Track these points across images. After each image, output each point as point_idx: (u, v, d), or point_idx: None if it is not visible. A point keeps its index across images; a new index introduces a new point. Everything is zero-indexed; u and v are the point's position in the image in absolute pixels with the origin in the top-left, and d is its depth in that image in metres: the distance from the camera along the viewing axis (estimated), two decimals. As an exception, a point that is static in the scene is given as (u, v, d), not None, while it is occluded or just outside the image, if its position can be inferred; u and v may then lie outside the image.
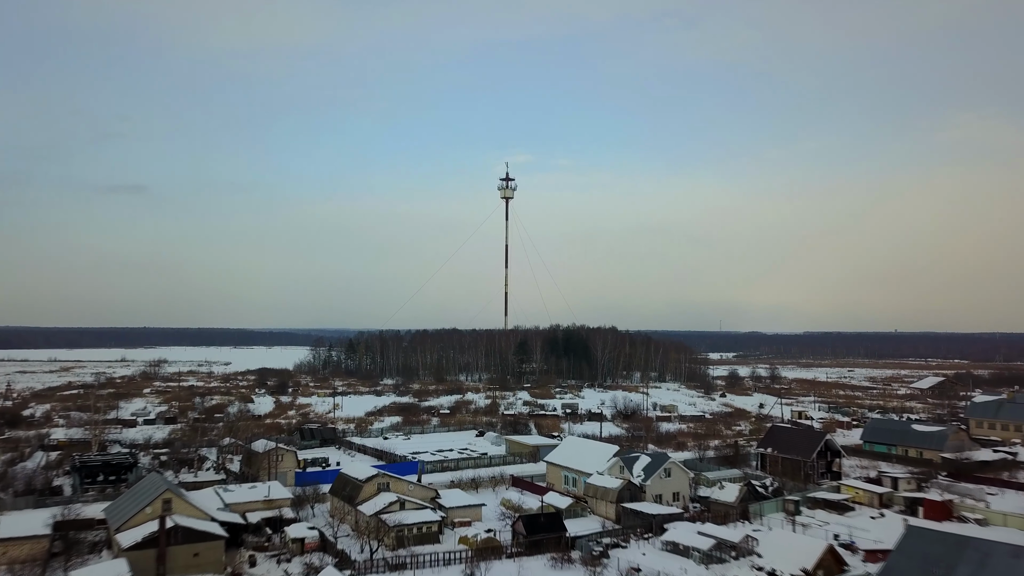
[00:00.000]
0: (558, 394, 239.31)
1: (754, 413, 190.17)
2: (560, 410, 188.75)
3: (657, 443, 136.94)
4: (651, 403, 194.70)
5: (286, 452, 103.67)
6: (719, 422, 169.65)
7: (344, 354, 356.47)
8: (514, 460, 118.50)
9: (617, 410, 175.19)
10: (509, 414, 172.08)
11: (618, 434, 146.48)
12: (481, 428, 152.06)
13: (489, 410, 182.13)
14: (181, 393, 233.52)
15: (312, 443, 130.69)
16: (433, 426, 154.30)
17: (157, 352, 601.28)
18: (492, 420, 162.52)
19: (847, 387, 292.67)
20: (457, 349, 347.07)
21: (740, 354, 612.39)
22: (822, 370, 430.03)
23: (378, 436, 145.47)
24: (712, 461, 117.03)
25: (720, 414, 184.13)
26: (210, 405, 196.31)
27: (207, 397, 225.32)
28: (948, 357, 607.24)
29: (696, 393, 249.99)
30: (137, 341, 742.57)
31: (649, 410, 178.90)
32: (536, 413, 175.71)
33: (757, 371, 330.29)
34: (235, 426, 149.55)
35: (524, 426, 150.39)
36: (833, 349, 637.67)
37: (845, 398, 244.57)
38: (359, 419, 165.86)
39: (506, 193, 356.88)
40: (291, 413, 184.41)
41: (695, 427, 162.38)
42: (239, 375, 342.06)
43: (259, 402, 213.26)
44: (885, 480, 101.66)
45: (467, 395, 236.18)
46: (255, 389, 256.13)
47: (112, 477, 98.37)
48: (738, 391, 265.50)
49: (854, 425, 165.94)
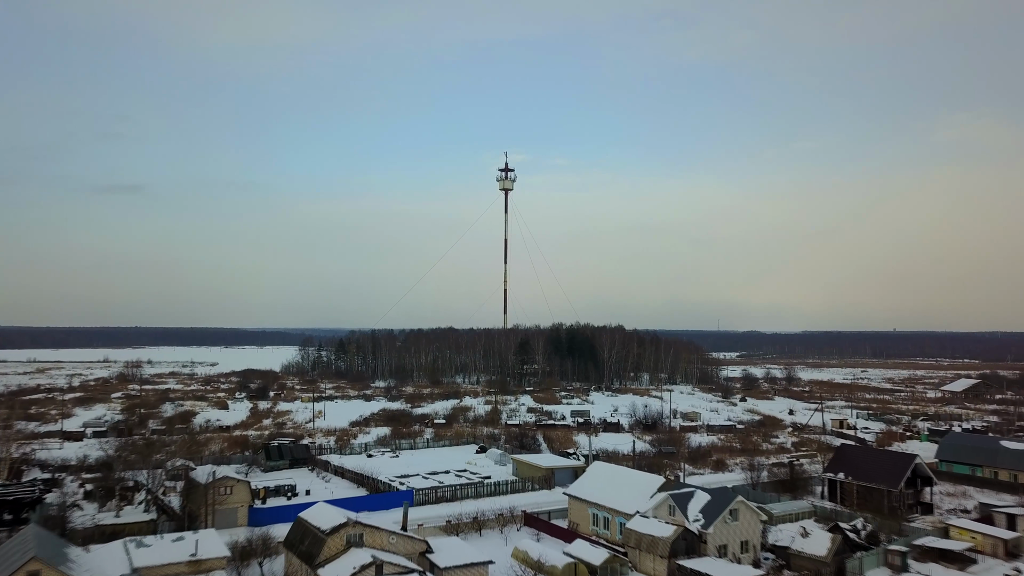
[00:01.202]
0: (564, 399, 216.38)
1: (787, 422, 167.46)
2: (569, 418, 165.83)
3: (691, 461, 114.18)
4: (670, 409, 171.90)
5: (237, 483, 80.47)
6: (752, 433, 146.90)
7: (334, 354, 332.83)
8: (524, 486, 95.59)
9: (636, 419, 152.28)
10: (513, 424, 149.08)
11: (642, 449, 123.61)
12: (482, 443, 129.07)
13: (490, 419, 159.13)
14: (150, 398, 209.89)
15: (280, 464, 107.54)
16: (426, 440, 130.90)
17: (145, 352, 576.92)
18: (494, 432, 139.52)
19: (869, 389, 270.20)
20: (454, 349, 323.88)
21: (744, 354, 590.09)
22: (833, 371, 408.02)
23: (361, 453, 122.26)
24: (766, 487, 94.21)
25: (750, 423, 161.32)
26: (176, 413, 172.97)
27: (177, 403, 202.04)
28: (955, 356, 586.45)
29: (714, 397, 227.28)
30: (126, 341, 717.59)
31: (671, 418, 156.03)
32: (543, 422, 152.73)
33: (771, 372, 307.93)
34: (194, 441, 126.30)
35: (531, 439, 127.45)
36: (839, 349, 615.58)
37: (874, 402, 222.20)
38: (341, 431, 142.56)
39: (505, 185, 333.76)
40: (266, 423, 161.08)
41: (726, 439, 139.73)
42: (222, 377, 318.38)
43: (234, 409, 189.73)
44: (997, 517, 78.89)
45: (464, 400, 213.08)
46: (234, 393, 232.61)
47: (9, 516, 75.21)
48: (756, 394, 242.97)
49: (908, 437, 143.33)
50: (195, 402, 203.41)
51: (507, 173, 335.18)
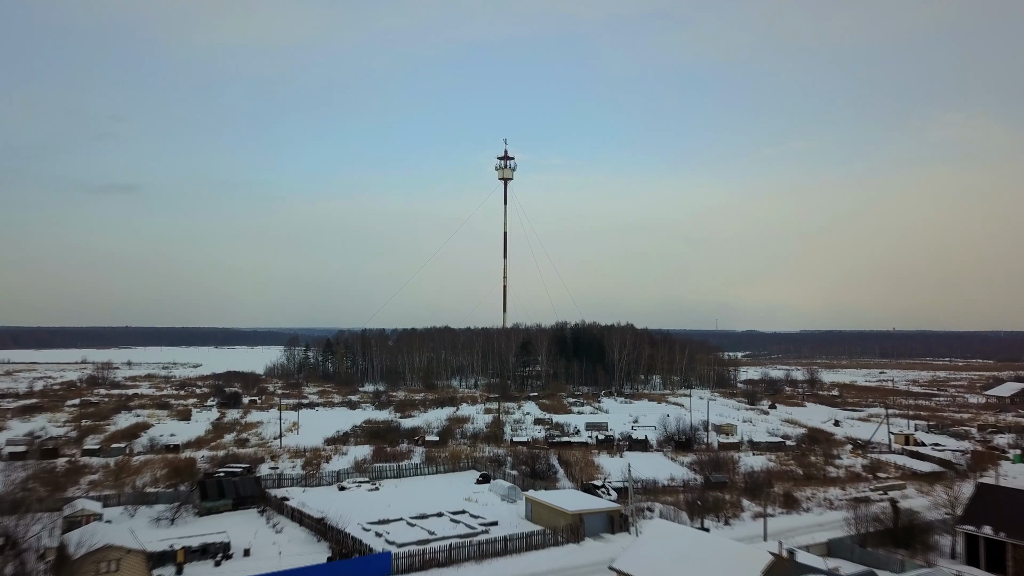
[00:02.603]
0: (574, 406, 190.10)
1: (838, 436, 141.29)
2: (584, 432, 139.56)
3: (749, 494, 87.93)
4: (699, 421, 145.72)
5: (126, 554, 53.91)
6: (807, 452, 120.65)
7: (321, 356, 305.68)
8: (544, 539, 69.23)
9: (666, 434, 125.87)
10: (520, 442, 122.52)
11: (684, 477, 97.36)
12: (484, 469, 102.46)
13: (491, 434, 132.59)
14: (105, 407, 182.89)
15: (221, 504, 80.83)
16: (415, 466, 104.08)
17: (129, 353, 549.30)
18: (498, 452, 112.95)
19: (902, 393, 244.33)
20: (450, 350, 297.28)
21: (749, 354, 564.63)
22: (849, 372, 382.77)
23: (333, 483, 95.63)
24: (866, 540, 67.93)
25: (799, 439, 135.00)
26: (126, 427, 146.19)
27: (135, 412, 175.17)
28: (965, 356, 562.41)
29: (739, 404, 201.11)
30: (114, 341, 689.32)
31: (707, 433, 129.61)
32: (556, 439, 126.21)
33: (791, 374, 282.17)
34: (124, 468, 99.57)
35: (544, 464, 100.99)
36: (848, 348, 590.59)
37: (917, 409, 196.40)
38: (313, 452, 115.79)
39: (505, 174, 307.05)
40: (228, 439, 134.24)
41: (778, 460, 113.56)
42: (201, 380, 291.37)
43: (196, 420, 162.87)
44: None
45: (461, 408, 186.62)
46: (205, 400, 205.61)
47: None
48: (783, 400, 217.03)
49: (1000, 457, 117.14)
50: (156, 411, 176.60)
51: (506, 161, 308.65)
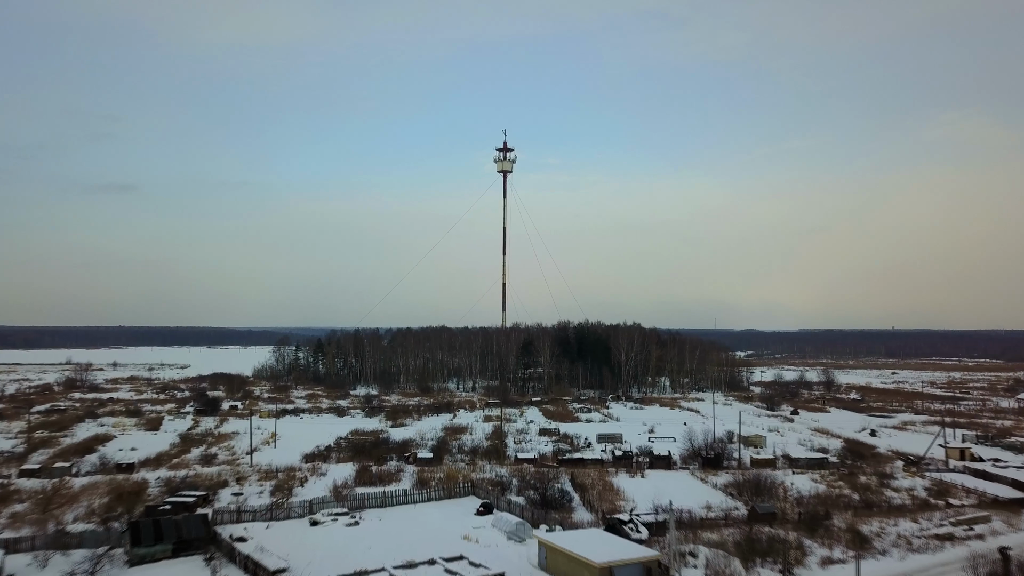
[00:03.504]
0: (580, 412, 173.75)
1: (882, 449, 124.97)
2: (597, 444, 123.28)
3: (806, 529, 71.47)
4: (723, 431, 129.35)
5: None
6: (855, 470, 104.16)
7: (311, 357, 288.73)
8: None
9: (692, 448, 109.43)
10: (526, 459, 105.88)
11: (722, 505, 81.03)
12: (485, 496, 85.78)
13: (492, 449, 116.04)
14: (71, 415, 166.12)
15: (158, 549, 64.16)
16: (403, 492, 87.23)
17: (118, 353, 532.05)
18: (500, 473, 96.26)
19: (927, 397, 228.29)
20: (446, 350, 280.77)
21: (752, 353, 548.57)
22: (859, 372, 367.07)
23: (304, 515, 78.93)
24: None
25: (837, 452, 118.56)
26: (81, 440, 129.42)
27: (102, 419, 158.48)
28: (972, 355, 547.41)
29: (758, 409, 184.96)
30: (105, 341, 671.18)
31: (739, 449, 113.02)
32: (566, 455, 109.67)
33: (805, 375, 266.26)
34: (58, 494, 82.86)
35: (557, 490, 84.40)
36: (852, 348, 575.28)
37: (948, 414, 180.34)
38: (287, 472, 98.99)
39: (504, 166, 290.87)
40: (194, 453, 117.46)
41: (824, 480, 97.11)
42: (186, 382, 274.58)
43: (167, 429, 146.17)
44: None
45: (459, 415, 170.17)
46: (183, 405, 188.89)
47: None
48: (802, 404, 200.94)
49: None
50: (124, 419, 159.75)
51: (505, 153, 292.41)
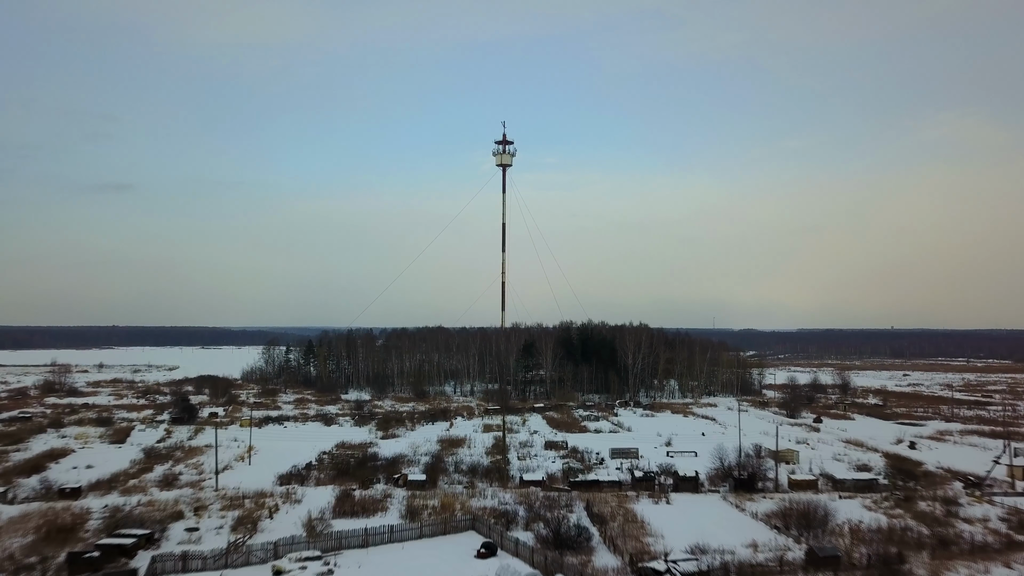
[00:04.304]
0: (587, 420, 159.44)
1: (936, 467, 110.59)
2: (610, 461, 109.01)
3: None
4: (750, 445, 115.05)
5: None
6: (910, 494, 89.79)
7: (302, 358, 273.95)
8: None
9: (722, 467, 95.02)
10: (532, 482, 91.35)
11: (769, 544, 66.61)
12: (487, 532, 71.23)
13: (494, 467, 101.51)
14: (31, 425, 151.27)
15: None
16: (389, 528, 72.61)
17: (109, 354, 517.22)
18: (504, 500, 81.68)
19: (953, 402, 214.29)
20: (443, 351, 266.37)
21: (755, 354, 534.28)
22: (869, 374, 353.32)
23: (267, 560, 64.29)
24: None
25: (882, 471, 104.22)
26: (34, 456, 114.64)
27: (64, 430, 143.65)
28: (978, 355, 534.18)
29: (777, 416, 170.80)
30: (96, 341, 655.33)
31: (775, 467, 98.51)
32: (578, 476, 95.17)
33: (818, 378, 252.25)
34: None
35: (572, 525, 69.90)
36: (856, 348, 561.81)
37: (981, 421, 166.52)
38: (257, 497, 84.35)
39: (503, 159, 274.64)
40: (157, 472, 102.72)
41: (878, 507, 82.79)
42: (170, 385, 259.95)
43: (134, 442, 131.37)
44: None
45: (456, 423, 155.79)
46: (160, 412, 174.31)
47: None
48: (822, 410, 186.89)
49: None
50: (90, 429, 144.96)
51: (504, 146, 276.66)
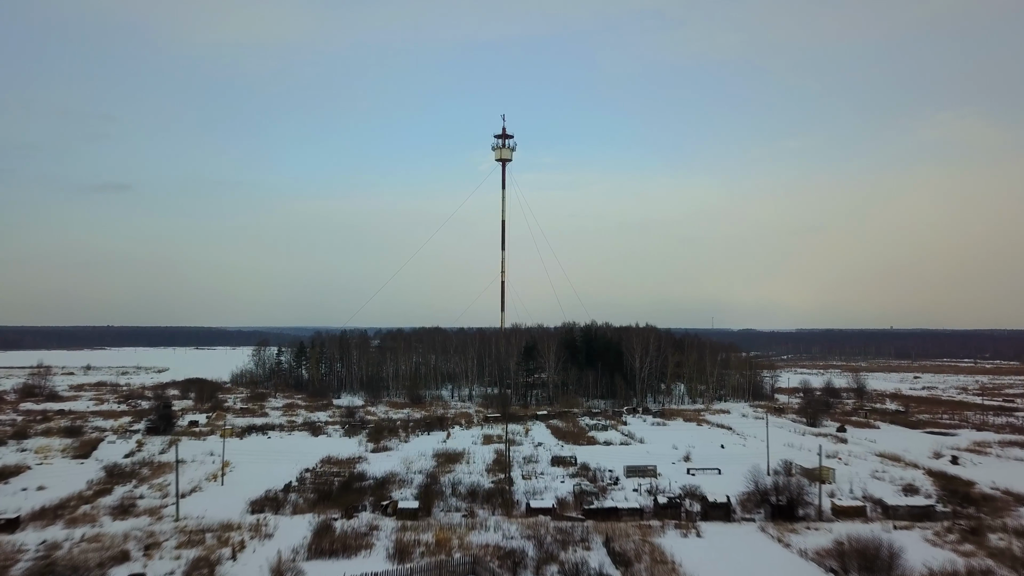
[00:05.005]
0: (594, 430, 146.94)
1: (991, 488, 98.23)
2: (625, 480, 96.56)
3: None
4: (779, 461, 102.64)
5: None
6: (979, 526, 77.41)
7: (293, 360, 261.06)
8: None
9: (756, 490, 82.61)
10: (541, 509, 78.90)
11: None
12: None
13: (496, 490, 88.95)
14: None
15: None
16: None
17: (100, 355, 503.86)
18: (510, 534, 69.24)
19: (975, 408, 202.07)
20: (440, 353, 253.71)
21: (758, 354, 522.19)
22: (878, 376, 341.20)
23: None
24: None
25: (939, 494, 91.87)
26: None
27: (25, 442, 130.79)
28: (985, 356, 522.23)
29: (796, 425, 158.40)
30: (89, 341, 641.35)
31: (809, 487, 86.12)
32: (592, 502, 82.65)
33: (832, 381, 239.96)
34: None
35: (590, 570, 57.44)
36: (861, 348, 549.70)
37: (1011, 429, 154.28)
38: (221, 531, 71.75)
39: (502, 154, 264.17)
40: (117, 493, 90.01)
41: (942, 539, 70.55)
42: (156, 388, 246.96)
43: (101, 455, 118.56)
44: None
45: (453, 433, 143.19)
46: (137, 420, 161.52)
47: None
48: (843, 418, 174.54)
49: None
50: (57, 440, 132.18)
51: (504, 140, 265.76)
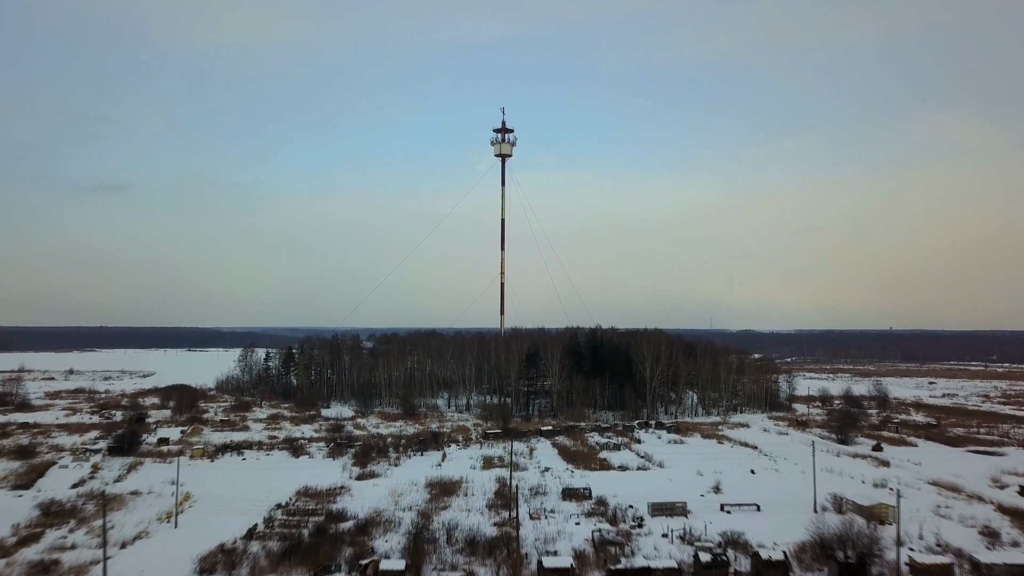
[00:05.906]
0: (605, 449, 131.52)
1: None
2: (650, 519, 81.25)
3: None
4: (827, 495, 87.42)
5: None
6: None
7: (282, 366, 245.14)
8: None
9: (820, 541, 67.30)
10: (556, 569, 63.60)
11: None
12: None
13: (501, 537, 73.48)
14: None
15: None
16: None
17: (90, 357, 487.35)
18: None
19: (1008, 419, 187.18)
20: (436, 358, 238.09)
21: (760, 356, 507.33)
22: (892, 381, 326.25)
23: None
24: None
25: (1022, 538, 76.78)
26: None
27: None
28: (991, 358, 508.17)
29: (825, 442, 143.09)
30: (81, 343, 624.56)
31: (882, 536, 71.07)
32: (621, 562, 67.26)
33: (851, 388, 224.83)
34: None
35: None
36: (866, 350, 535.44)
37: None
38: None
39: (502, 149, 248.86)
40: (36, 548, 74.38)
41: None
42: (134, 396, 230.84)
43: (47, 485, 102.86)
44: None
45: (450, 454, 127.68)
46: (107, 434, 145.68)
47: None
48: (872, 433, 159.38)
49: None
50: (3, 463, 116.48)
51: (504, 135, 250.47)
